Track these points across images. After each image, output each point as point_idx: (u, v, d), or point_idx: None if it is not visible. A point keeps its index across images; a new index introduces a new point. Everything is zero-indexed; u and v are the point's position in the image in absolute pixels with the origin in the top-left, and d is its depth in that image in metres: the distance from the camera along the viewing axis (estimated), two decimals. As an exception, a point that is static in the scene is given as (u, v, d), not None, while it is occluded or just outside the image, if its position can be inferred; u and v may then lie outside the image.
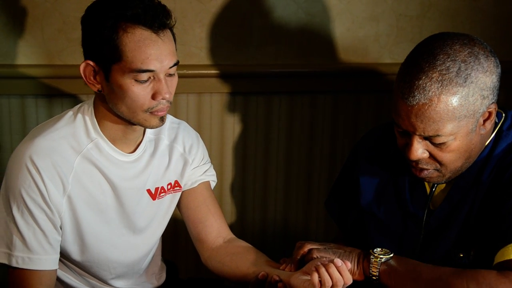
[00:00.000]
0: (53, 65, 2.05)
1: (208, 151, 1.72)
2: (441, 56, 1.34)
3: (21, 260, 1.40)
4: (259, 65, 2.18)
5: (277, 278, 1.42)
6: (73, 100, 2.08)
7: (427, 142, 1.39)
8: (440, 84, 1.32)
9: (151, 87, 1.38)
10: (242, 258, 1.57)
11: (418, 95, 1.33)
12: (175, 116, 1.74)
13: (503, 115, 1.49)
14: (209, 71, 2.14)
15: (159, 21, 1.36)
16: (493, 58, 1.37)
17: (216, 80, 2.15)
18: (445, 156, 1.39)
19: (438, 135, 1.36)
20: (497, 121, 1.47)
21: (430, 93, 1.32)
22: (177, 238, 2.26)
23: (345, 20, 2.21)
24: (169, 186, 1.59)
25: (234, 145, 2.24)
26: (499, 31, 2.30)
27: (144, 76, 1.36)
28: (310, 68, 2.21)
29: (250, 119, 2.23)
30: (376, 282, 1.44)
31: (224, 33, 2.14)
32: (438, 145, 1.38)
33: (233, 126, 2.22)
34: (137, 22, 1.35)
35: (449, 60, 1.33)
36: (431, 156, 1.40)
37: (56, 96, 2.06)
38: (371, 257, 1.44)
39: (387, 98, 2.28)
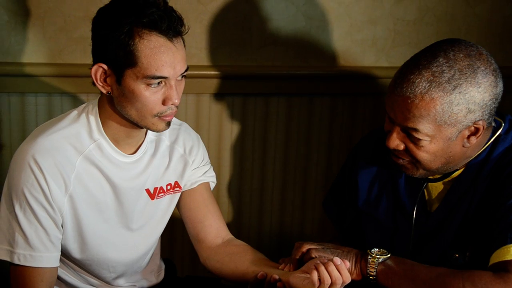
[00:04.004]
0: (53, 63, 2.05)
1: (206, 151, 1.74)
2: (441, 59, 1.37)
3: (22, 257, 1.41)
4: (258, 67, 2.20)
5: (277, 278, 1.44)
6: (73, 98, 2.09)
7: (406, 136, 1.43)
8: (428, 84, 1.36)
9: (162, 92, 1.40)
10: (241, 257, 1.58)
11: (406, 87, 1.38)
12: (174, 116, 1.75)
13: (502, 122, 1.51)
14: (208, 72, 2.15)
15: (174, 28, 1.38)
16: (492, 78, 1.38)
17: (215, 81, 2.16)
18: (420, 155, 1.43)
19: (415, 129, 1.39)
20: (495, 125, 1.50)
21: (417, 89, 1.36)
22: (174, 237, 2.27)
23: (344, 24, 2.22)
24: (168, 187, 1.61)
25: (232, 146, 2.26)
26: (494, 36, 2.33)
27: (157, 82, 1.38)
28: (308, 70, 2.23)
29: (248, 120, 2.24)
30: (374, 282, 1.46)
31: (224, 35, 2.16)
32: (414, 141, 1.42)
33: (231, 127, 2.24)
34: (153, 28, 1.36)
35: (446, 64, 1.36)
36: (408, 150, 1.44)
37: (56, 94, 2.07)
38: (369, 257, 1.46)
39: (383, 101, 2.29)
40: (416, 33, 2.27)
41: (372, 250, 1.47)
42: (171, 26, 1.37)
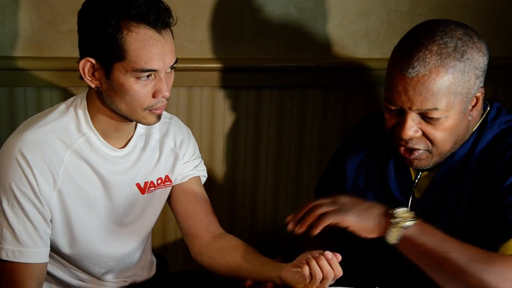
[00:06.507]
0: (42, 57, 2.03)
1: (198, 145, 1.72)
2: (439, 32, 1.37)
3: (11, 253, 1.40)
4: (249, 59, 2.18)
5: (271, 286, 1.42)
6: (62, 92, 2.07)
7: (421, 120, 1.40)
8: (439, 57, 1.35)
9: (152, 85, 1.38)
10: (232, 253, 1.57)
11: (418, 66, 1.35)
12: (165, 110, 1.74)
13: (488, 107, 1.50)
14: (199, 65, 2.13)
15: (162, 20, 1.36)
16: (483, 42, 1.41)
17: (206, 74, 2.14)
18: (438, 135, 1.40)
19: (435, 109, 1.37)
20: (482, 111, 1.49)
21: (430, 64, 1.35)
22: (166, 232, 2.26)
23: (336, 15, 2.21)
24: (159, 181, 1.59)
25: (224, 139, 2.25)
26: (488, 27, 2.32)
27: (146, 75, 1.37)
28: (301, 62, 2.22)
29: (241, 113, 2.23)
30: (390, 246, 1.35)
31: (215, 27, 2.14)
32: (431, 122, 1.39)
33: (223, 120, 2.22)
34: (141, 21, 1.34)
35: (446, 36, 1.37)
36: (424, 134, 1.41)
37: (45, 88, 2.05)
38: (392, 220, 1.33)
39: (377, 93, 2.29)
40: (409, 24, 2.25)
41: (398, 210, 1.34)
42: (159, 18, 1.35)
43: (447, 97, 1.36)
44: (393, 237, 1.34)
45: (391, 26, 2.25)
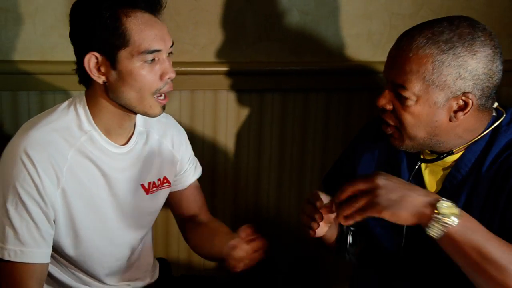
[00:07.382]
0: (45, 61, 2.04)
1: (201, 148, 1.73)
2: (445, 23, 1.39)
3: (13, 253, 1.40)
4: (252, 63, 2.18)
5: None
6: (66, 96, 2.07)
7: (394, 96, 1.42)
8: (425, 40, 1.37)
9: (157, 68, 1.42)
10: (203, 236, 1.68)
11: (404, 41, 1.40)
12: (168, 113, 1.74)
13: (504, 113, 1.48)
14: (202, 68, 2.13)
15: (155, 3, 1.41)
16: (490, 51, 1.37)
17: (209, 77, 2.14)
18: (405, 117, 1.41)
19: (403, 87, 1.39)
20: (495, 115, 1.48)
21: (414, 44, 1.38)
22: (169, 236, 2.25)
23: (339, 18, 2.21)
24: (159, 182, 1.62)
25: (227, 142, 2.24)
26: (492, 30, 2.31)
27: (151, 56, 1.40)
28: (303, 66, 2.22)
29: (243, 116, 2.23)
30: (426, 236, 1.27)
31: (218, 31, 2.14)
32: (401, 101, 1.41)
33: (226, 124, 2.22)
34: (135, 6, 1.39)
35: (448, 28, 1.38)
36: (395, 111, 1.43)
37: (48, 92, 2.05)
38: (435, 215, 1.24)
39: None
40: (411, 27, 2.25)
41: (443, 204, 1.24)
42: (152, 2, 1.41)
43: (419, 82, 1.37)
44: (434, 231, 1.25)
45: (394, 29, 2.25)
